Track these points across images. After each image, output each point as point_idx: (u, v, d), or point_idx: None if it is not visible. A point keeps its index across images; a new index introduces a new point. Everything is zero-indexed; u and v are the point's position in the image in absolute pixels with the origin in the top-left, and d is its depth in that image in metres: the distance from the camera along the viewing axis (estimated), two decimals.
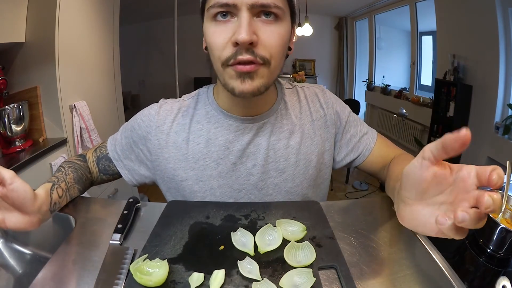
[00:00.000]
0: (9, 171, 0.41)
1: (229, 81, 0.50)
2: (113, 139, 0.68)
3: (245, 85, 0.49)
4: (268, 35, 0.48)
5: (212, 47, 0.49)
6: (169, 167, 0.61)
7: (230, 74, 0.49)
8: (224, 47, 0.48)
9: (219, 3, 0.46)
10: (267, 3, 0.46)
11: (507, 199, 0.53)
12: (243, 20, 0.45)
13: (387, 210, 0.58)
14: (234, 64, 0.48)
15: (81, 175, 0.64)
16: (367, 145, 0.67)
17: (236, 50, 0.47)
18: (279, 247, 0.45)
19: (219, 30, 0.48)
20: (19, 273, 0.57)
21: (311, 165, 0.63)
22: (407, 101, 3.53)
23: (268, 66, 0.49)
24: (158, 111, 0.62)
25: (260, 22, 0.47)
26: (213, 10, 0.47)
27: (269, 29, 0.48)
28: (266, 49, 0.48)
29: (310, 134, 0.64)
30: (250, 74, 0.48)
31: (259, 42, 0.47)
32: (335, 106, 0.67)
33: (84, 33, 1.69)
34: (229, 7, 0.46)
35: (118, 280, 0.40)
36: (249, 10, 0.45)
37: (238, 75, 0.48)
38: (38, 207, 0.45)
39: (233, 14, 0.47)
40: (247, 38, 0.44)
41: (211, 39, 0.49)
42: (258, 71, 0.49)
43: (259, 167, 0.60)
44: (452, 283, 0.40)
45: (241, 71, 0.48)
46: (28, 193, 0.42)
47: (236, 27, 0.46)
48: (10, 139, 1.34)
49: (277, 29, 0.49)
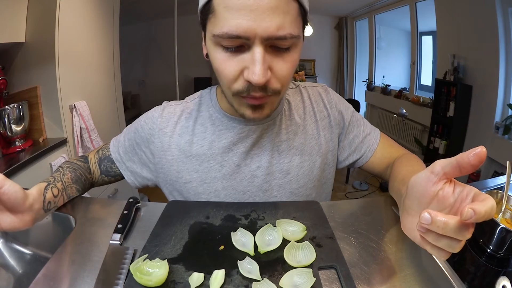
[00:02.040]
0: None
1: (239, 108, 0.49)
2: (116, 141, 0.67)
3: (256, 114, 0.49)
4: (281, 66, 0.45)
5: (221, 75, 0.46)
6: (173, 169, 0.61)
7: (240, 103, 0.49)
8: (235, 79, 0.45)
9: (228, 35, 0.40)
10: (283, 35, 0.41)
11: (507, 199, 0.53)
12: (257, 56, 0.41)
13: (387, 210, 0.58)
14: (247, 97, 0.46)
15: (80, 175, 0.63)
16: (370, 146, 0.67)
17: (249, 86, 0.44)
18: (279, 247, 0.45)
19: (228, 60, 0.44)
20: (19, 273, 0.57)
21: (315, 166, 0.63)
22: (407, 101, 3.53)
23: (278, 94, 0.48)
24: (161, 114, 0.62)
25: (273, 53, 0.44)
26: (221, 40, 0.42)
27: (283, 60, 0.44)
28: (279, 82, 0.46)
29: (314, 134, 0.63)
30: (261, 105, 0.48)
31: (272, 76, 0.44)
32: (339, 106, 0.67)
33: (84, 33, 1.69)
34: (240, 39, 0.41)
35: (118, 280, 0.40)
36: (262, 43, 0.41)
37: (248, 105, 0.48)
38: (29, 206, 0.45)
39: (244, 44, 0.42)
40: (263, 81, 0.42)
41: (219, 67, 0.45)
42: (269, 101, 0.48)
43: (263, 169, 0.60)
44: (452, 283, 0.41)
45: (253, 104, 0.47)
46: (19, 194, 0.42)
47: (249, 62, 0.42)
48: (10, 139, 1.34)
49: (291, 57, 0.45)
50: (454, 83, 2.52)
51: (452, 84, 2.54)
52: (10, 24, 1.32)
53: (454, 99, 2.51)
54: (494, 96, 2.22)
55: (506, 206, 0.53)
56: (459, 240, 0.31)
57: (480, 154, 0.29)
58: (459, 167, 0.30)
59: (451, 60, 2.56)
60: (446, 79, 2.63)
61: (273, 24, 0.40)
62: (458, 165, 0.30)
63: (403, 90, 3.76)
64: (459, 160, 0.30)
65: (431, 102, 2.98)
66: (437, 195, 0.33)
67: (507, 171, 0.54)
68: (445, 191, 0.33)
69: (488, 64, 2.26)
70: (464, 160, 0.30)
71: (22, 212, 0.44)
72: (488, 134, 2.28)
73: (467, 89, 2.47)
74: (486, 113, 2.31)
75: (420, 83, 3.59)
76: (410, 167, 0.54)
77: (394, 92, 3.90)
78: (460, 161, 0.30)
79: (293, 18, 0.42)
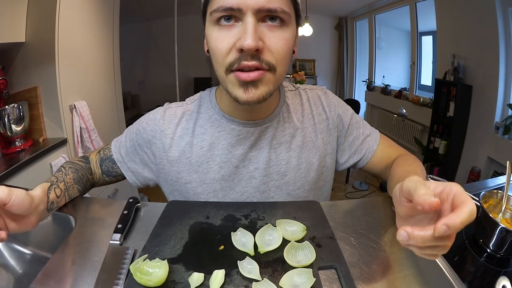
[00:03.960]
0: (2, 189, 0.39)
1: (232, 89, 0.48)
2: (118, 141, 0.68)
3: (249, 94, 0.47)
4: (274, 41, 0.46)
5: (215, 52, 0.48)
6: (173, 170, 0.61)
7: (233, 81, 0.48)
8: (228, 52, 0.46)
9: (223, 7, 0.44)
10: (274, 8, 0.44)
11: (507, 199, 0.53)
12: (248, 25, 0.43)
13: (387, 210, 0.58)
14: (237, 69, 0.46)
15: (82, 175, 0.64)
16: (370, 147, 0.67)
17: (240, 55, 0.45)
18: (279, 247, 0.45)
19: (222, 35, 0.46)
20: (19, 273, 0.57)
21: (313, 168, 0.63)
22: (407, 101, 3.53)
23: (274, 72, 0.48)
24: (163, 116, 0.62)
25: (265, 27, 0.46)
26: (216, 14, 0.45)
27: (275, 34, 0.46)
28: (272, 55, 0.46)
29: (311, 137, 0.64)
30: (254, 83, 0.47)
31: (264, 47, 0.45)
32: (338, 109, 0.67)
33: (84, 33, 1.69)
34: (234, 11, 0.44)
35: (118, 280, 0.40)
36: (254, 15, 0.44)
37: (240, 83, 0.47)
38: (35, 208, 0.46)
39: (237, 19, 0.45)
40: (253, 44, 0.43)
41: (214, 44, 0.47)
42: (263, 78, 0.47)
43: (261, 170, 0.60)
44: (452, 283, 0.41)
45: (245, 80, 0.46)
46: (26, 201, 0.42)
47: (241, 32, 0.44)
48: (10, 139, 1.34)
49: (283, 34, 0.47)
50: (454, 83, 2.51)
51: (452, 84, 2.54)
52: (10, 24, 1.32)
53: (454, 99, 2.51)
54: (494, 96, 2.22)
55: (506, 206, 0.53)
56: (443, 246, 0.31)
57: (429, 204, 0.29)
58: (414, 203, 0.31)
59: (451, 60, 2.56)
60: (446, 79, 2.63)
61: None
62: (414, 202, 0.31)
63: (403, 90, 3.76)
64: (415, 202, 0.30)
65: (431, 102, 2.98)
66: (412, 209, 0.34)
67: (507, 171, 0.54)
68: None
69: (488, 64, 2.26)
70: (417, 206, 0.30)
71: (29, 215, 0.44)
72: (488, 134, 2.28)
73: (467, 89, 2.46)
74: (486, 113, 2.31)
75: (420, 83, 3.59)
76: (406, 167, 0.55)
77: (394, 92, 3.89)
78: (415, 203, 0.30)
79: None
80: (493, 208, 0.55)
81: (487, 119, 2.29)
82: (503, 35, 2.13)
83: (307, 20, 3.27)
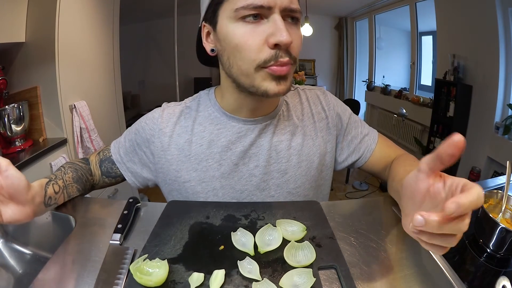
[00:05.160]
0: (4, 159, 0.42)
1: (262, 83, 0.49)
2: (117, 142, 0.68)
3: (281, 87, 0.50)
4: (295, 37, 0.49)
5: (243, 48, 0.48)
6: (172, 169, 0.61)
7: (264, 76, 0.49)
8: (260, 49, 0.47)
9: (253, 4, 0.45)
10: (295, 8, 0.48)
11: (507, 199, 0.53)
12: (279, 22, 0.46)
13: (387, 210, 0.58)
14: (274, 65, 0.48)
15: (81, 175, 0.64)
16: (368, 146, 0.68)
17: (276, 52, 0.47)
18: (279, 247, 0.45)
19: (250, 30, 0.47)
20: (19, 273, 0.57)
21: (313, 167, 0.63)
22: (407, 101, 3.53)
23: (294, 66, 0.51)
24: (161, 115, 0.63)
25: (287, 25, 0.48)
26: (244, 12, 0.46)
27: (294, 31, 0.50)
28: (295, 50, 0.50)
29: (312, 135, 0.64)
30: (285, 76, 0.50)
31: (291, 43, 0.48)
32: (336, 108, 0.67)
33: (84, 33, 1.69)
34: (263, 9, 0.46)
35: (118, 280, 0.40)
36: (280, 13, 0.47)
37: (273, 77, 0.49)
38: (32, 197, 0.46)
39: (263, 16, 0.47)
40: (290, 39, 0.45)
41: (242, 40, 0.48)
42: (290, 72, 0.50)
43: (261, 168, 0.60)
44: (452, 283, 0.41)
45: (280, 74, 0.48)
46: (22, 181, 0.44)
47: (270, 29, 0.46)
48: (10, 139, 1.34)
49: (298, 31, 0.52)
50: (454, 83, 2.52)
51: (452, 84, 2.54)
52: (10, 24, 1.32)
53: (454, 99, 2.51)
54: (494, 96, 2.22)
55: (506, 206, 0.53)
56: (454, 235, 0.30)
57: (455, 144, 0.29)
58: (439, 159, 0.31)
59: (451, 60, 2.56)
60: (446, 79, 2.63)
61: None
62: (438, 158, 0.31)
63: (403, 90, 3.76)
64: (438, 152, 0.30)
65: (431, 102, 2.98)
66: (429, 192, 0.33)
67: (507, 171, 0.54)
68: (436, 187, 0.33)
69: (488, 64, 2.26)
70: (442, 152, 0.30)
71: (24, 204, 0.45)
72: (488, 134, 2.28)
73: (467, 89, 2.47)
74: (486, 113, 2.31)
75: (420, 83, 3.59)
76: (408, 166, 0.55)
77: (394, 92, 3.89)
78: (439, 153, 0.30)
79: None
80: (493, 208, 0.55)
81: (487, 119, 2.29)
82: (503, 35, 2.13)
83: (307, 20, 3.27)
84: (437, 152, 0.31)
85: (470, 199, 0.27)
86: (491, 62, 2.22)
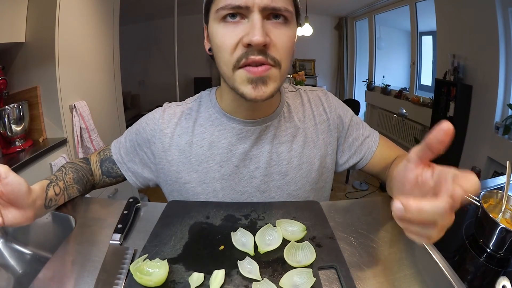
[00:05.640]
0: (3, 165, 0.41)
1: (240, 86, 0.48)
2: (118, 142, 0.68)
3: (258, 92, 0.48)
4: (279, 37, 0.47)
5: (221, 48, 0.48)
6: (172, 170, 0.61)
7: (241, 78, 0.48)
8: (234, 48, 0.47)
9: (231, 5, 0.45)
10: (278, 7, 0.46)
11: (507, 199, 0.53)
12: (255, 21, 0.45)
13: (387, 210, 0.58)
14: (245, 65, 0.47)
15: (82, 176, 0.64)
16: (369, 148, 0.67)
17: (248, 50, 0.46)
18: (279, 247, 0.45)
19: (228, 31, 0.47)
20: (19, 273, 0.57)
21: (314, 169, 0.63)
22: (407, 101, 3.53)
23: (279, 68, 0.49)
24: (162, 115, 0.63)
25: (270, 24, 0.47)
26: (223, 12, 0.46)
27: (279, 31, 0.48)
28: (277, 51, 0.48)
29: (313, 137, 0.64)
30: (262, 79, 0.47)
31: (271, 43, 0.47)
32: (338, 110, 0.67)
33: (84, 33, 1.69)
34: (241, 9, 0.45)
35: (118, 280, 0.40)
36: (260, 12, 0.45)
37: (250, 80, 0.47)
38: (33, 201, 0.46)
39: (243, 16, 0.46)
40: (262, 39, 0.44)
41: (220, 41, 0.48)
42: (270, 73, 0.48)
43: (261, 170, 0.60)
44: (452, 283, 0.41)
45: (254, 75, 0.47)
46: (23, 186, 0.43)
47: (248, 28, 0.45)
48: (10, 139, 1.34)
49: (287, 31, 0.49)
50: (454, 83, 2.51)
51: (452, 84, 2.54)
52: (10, 24, 1.32)
53: (454, 99, 2.51)
54: (494, 96, 2.22)
55: (506, 206, 0.53)
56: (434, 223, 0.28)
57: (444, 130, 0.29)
58: (428, 147, 0.31)
59: (451, 60, 2.56)
60: (446, 79, 2.63)
61: None
62: (427, 145, 0.31)
63: (403, 90, 3.76)
64: (427, 140, 0.31)
65: (431, 102, 2.98)
66: (417, 181, 0.34)
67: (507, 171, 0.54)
68: (424, 176, 0.33)
69: (488, 64, 2.26)
70: (431, 139, 0.30)
71: (25, 208, 0.44)
72: (488, 134, 2.28)
73: (467, 89, 2.46)
74: (486, 113, 2.31)
75: (420, 83, 3.59)
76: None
77: (394, 92, 3.89)
78: (428, 141, 0.31)
79: None
80: (493, 208, 0.55)
81: (487, 119, 2.29)
82: (503, 35, 2.12)
83: (307, 20, 3.27)
84: (426, 140, 0.31)
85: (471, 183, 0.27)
86: (491, 62, 2.22)
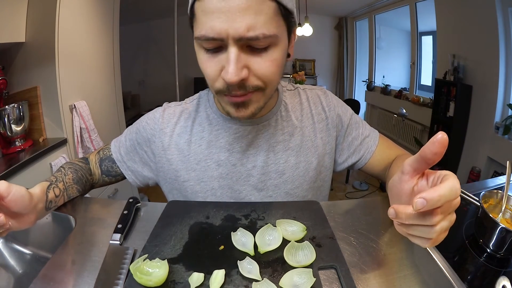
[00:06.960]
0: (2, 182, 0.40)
1: (225, 106, 0.50)
2: (117, 141, 0.68)
3: (240, 113, 0.49)
4: (260, 65, 0.45)
5: (204, 74, 0.48)
6: (172, 168, 0.61)
7: (225, 101, 0.49)
8: (215, 78, 0.46)
9: (205, 36, 0.43)
10: (255, 36, 0.41)
11: (507, 199, 0.53)
12: (231, 55, 0.42)
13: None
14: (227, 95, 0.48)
15: (81, 176, 0.64)
16: (368, 148, 0.67)
17: (228, 85, 0.45)
18: (279, 247, 0.45)
19: (209, 60, 0.46)
20: (19, 273, 0.57)
21: (311, 167, 0.63)
22: (407, 101, 3.53)
23: (263, 91, 0.48)
24: (162, 115, 0.63)
25: (250, 52, 0.44)
26: (201, 42, 0.45)
27: (261, 59, 0.45)
28: (259, 79, 0.46)
29: (310, 136, 0.64)
30: (244, 103, 0.48)
31: (250, 74, 0.45)
32: (337, 109, 0.67)
33: (84, 33, 1.69)
34: (216, 40, 0.43)
35: (118, 280, 0.40)
36: (236, 43, 0.42)
37: (232, 104, 0.49)
38: (34, 206, 0.46)
39: (222, 45, 0.44)
40: (235, 79, 0.42)
41: (202, 67, 0.48)
42: (252, 98, 0.48)
43: (258, 169, 0.60)
44: (452, 283, 0.41)
45: (235, 102, 0.48)
46: (25, 198, 0.42)
47: (225, 61, 0.43)
48: (10, 139, 1.34)
49: (270, 56, 0.45)
50: (454, 83, 2.52)
51: (452, 84, 2.54)
52: (10, 24, 1.32)
53: (454, 99, 2.51)
54: (494, 96, 2.22)
55: (506, 206, 0.53)
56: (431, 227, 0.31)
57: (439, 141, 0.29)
58: (423, 159, 0.31)
59: (451, 60, 2.56)
60: (446, 79, 2.63)
61: (243, 25, 0.40)
62: (422, 158, 0.31)
63: (403, 90, 3.76)
64: (421, 153, 0.31)
65: (431, 102, 2.98)
66: (413, 191, 0.34)
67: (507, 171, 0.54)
68: (420, 185, 0.34)
69: (488, 64, 2.26)
70: (426, 151, 0.30)
71: (28, 213, 0.44)
72: (488, 134, 2.28)
73: (467, 89, 2.47)
74: (486, 113, 2.31)
75: (420, 83, 3.59)
76: None
77: (394, 92, 3.89)
78: (423, 153, 0.31)
79: (268, 18, 0.42)
80: (493, 208, 0.55)
81: (487, 119, 2.29)
82: (503, 35, 2.13)
83: (307, 20, 3.27)
84: (421, 152, 0.31)
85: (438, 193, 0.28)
86: (491, 62, 2.22)
